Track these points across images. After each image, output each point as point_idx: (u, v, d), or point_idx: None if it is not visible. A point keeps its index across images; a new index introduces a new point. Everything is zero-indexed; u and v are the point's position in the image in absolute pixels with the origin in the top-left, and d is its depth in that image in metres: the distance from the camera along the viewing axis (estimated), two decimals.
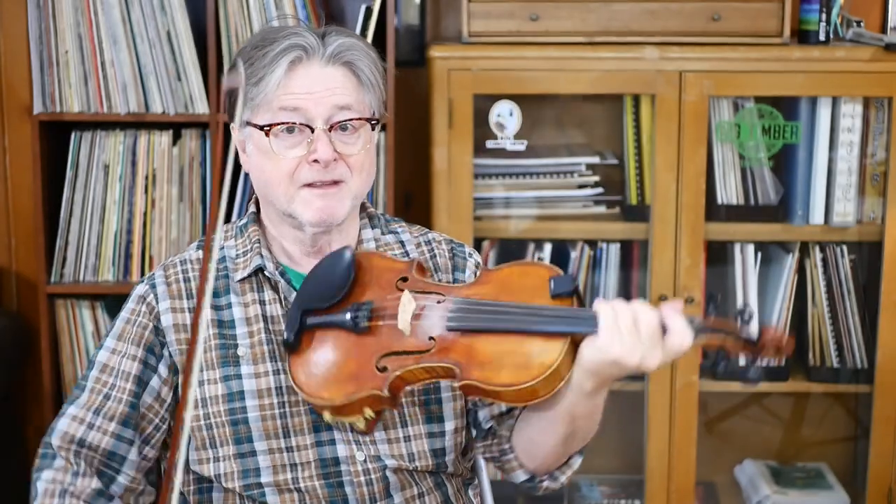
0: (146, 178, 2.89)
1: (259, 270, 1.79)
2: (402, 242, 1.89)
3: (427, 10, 3.00)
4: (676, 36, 2.72)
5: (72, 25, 2.82)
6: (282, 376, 1.74)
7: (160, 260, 2.90)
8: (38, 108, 2.83)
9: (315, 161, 1.72)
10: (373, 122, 1.78)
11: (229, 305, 1.78)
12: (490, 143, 2.80)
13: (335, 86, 1.74)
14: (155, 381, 1.75)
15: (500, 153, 2.83)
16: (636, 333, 1.58)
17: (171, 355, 1.75)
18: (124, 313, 1.79)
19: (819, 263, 2.87)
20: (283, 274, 1.79)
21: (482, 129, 2.78)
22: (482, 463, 2.03)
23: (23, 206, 3.05)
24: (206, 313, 1.61)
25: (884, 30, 2.95)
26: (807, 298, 2.89)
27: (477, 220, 2.81)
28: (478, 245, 2.86)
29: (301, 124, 1.72)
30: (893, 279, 2.77)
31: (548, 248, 2.89)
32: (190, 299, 1.78)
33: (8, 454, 3.04)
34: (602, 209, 2.91)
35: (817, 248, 2.87)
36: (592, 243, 2.91)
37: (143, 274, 2.91)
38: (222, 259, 1.82)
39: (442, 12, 3.04)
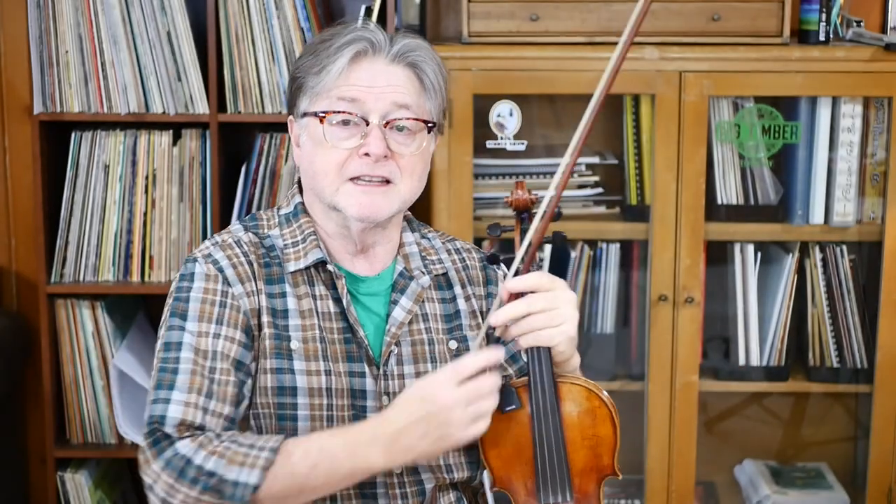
0: (146, 178, 2.89)
1: (319, 264, 1.76)
2: (435, 249, 1.89)
3: (427, 10, 2.99)
4: (676, 36, 2.72)
5: (72, 26, 2.82)
6: (333, 377, 1.72)
7: (160, 260, 2.90)
8: (38, 108, 2.83)
9: (366, 154, 1.71)
10: (430, 126, 1.77)
11: (283, 294, 1.74)
12: (490, 143, 2.80)
13: (397, 83, 1.74)
14: (252, 365, 1.70)
15: (500, 153, 2.83)
16: (547, 315, 1.66)
17: (253, 340, 1.71)
18: (195, 293, 1.70)
19: (819, 263, 2.87)
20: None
21: (482, 129, 2.78)
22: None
23: (23, 206, 3.05)
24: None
25: (884, 30, 2.95)
26: (807, 298, 2.89)
27: (477, 220, 2.81)
28: (477, 245, 2.85)
29: (357, 116, 1.72)
30: (893, 279, 2.77)
31: (547, 248, 2.89)
32: (256, 282, 1.73)
33: (8, 454, 3.04)
34: (602, 209, 2.91)
35: (817, 248, 2.87)
36: (592, 243, 2.91)
37: (143, 274, 2.91)
38: (272, 248, 1.78)
39: (442, 12, 3.04)
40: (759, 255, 2.89)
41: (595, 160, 2.91)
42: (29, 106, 2.90)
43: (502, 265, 1.72)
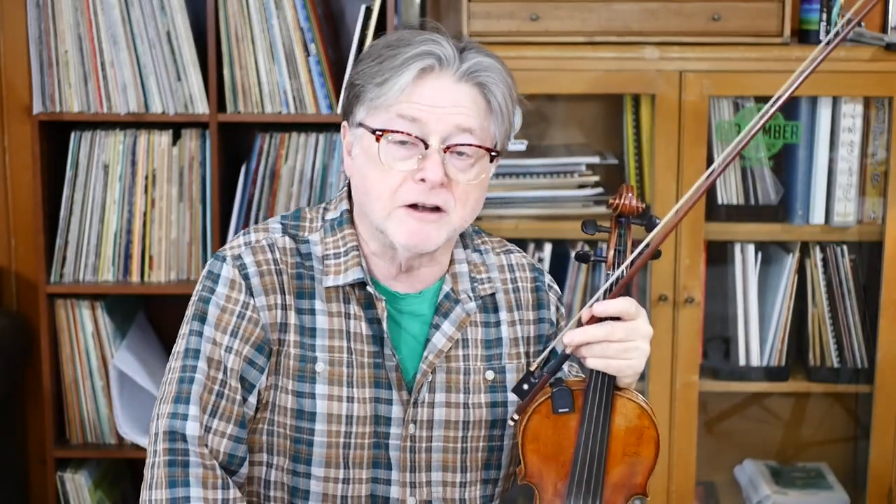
0: (146, 178, 2.88)
1: (358, 284, 1.67)
2: (486, 266, 1.79)
3: (427, 10, 2.99)
4: (676, 36, 2.72)
5: (72, 26, 2.82)
6: (355, 405, 1.65)
7: (160, 260, 2.90)
8: (37, 108, 2.83)
9: (422, 180, 1.60)
10: (493, 154, 1.66)
11: (313, 311, 1.66)
12: None
13: (463, 105, 1.62)
14: (261, 382, 1.64)
15: None
16: (622, 346, 1.62)
17: (269, 355, 1.65)
18: (216, 298, 1.64)
19: (819, 263, 2.87)
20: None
21: None
22: None
23: (23, 205, 3.05)
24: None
25: (884, 30, 2.95)
26: (807, 298, 2.89)
27: (477, 219, 2.79)
28: None
29: (416, 137, 1.60)
30: (893, 279, 2.77)
31: (548, 248, 2.89)
32: (283, 295, 1.65)
33: (8, 454, 3.04)
34: (602, 209, 2.91)
35: (817, 248, 2.87)
36: (592, 243, 2.91)
37: (143, 274, 2.90)
38: (308, 255, 1.68)
39: (442, 12, 3.03)
40: (760, 255, 2.89)
41: (595, 160, 2.91)
42: (28, 106, 2.90)
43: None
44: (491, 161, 1.67)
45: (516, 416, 1.68)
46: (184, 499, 1.56)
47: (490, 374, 1.74)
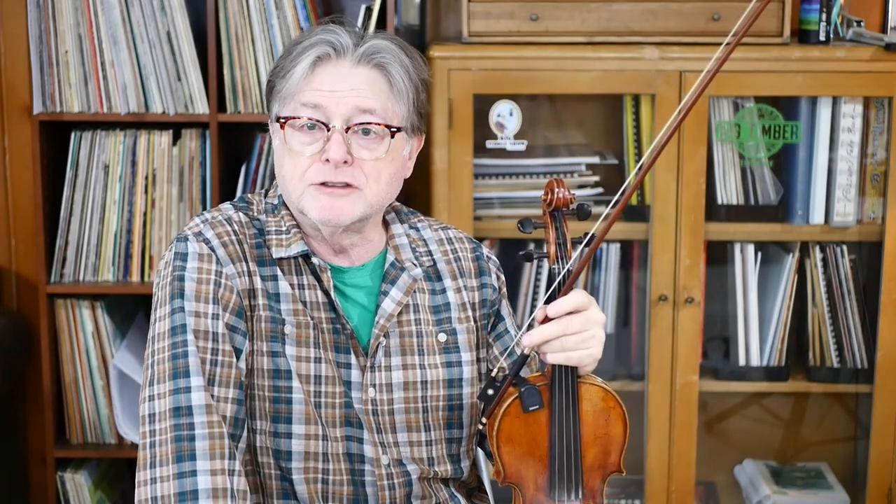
0: (146, 178, 2.89)
1: (302, 256, 1.76)
2: (424, 241, 1.88)
3: (427, 10, 3.00)
4: (676, 36, 2.72)
5: (72, 26, 2.82)
6: (322, 365, 1.72)
7: (160, 260, 2.90)
8: (37, 108, 2.83)
9: (327, 160, 1.70)
10: (392, 131, 1.73)
11: (275, 278, 1.74)
12: (490, 143, 2.80)
13: (361, 87, 1.72)
14: (246, 347, 1.69)
15: (500, 153, 2.83)
16: (580, 337, 1.68)
17: (246, 321, 1.71)
18: (189, 273, 1.69)
19: (819, 263, 2.87)
20: None
21: (482, 129, 2.78)
22: (483, 464, 2.03)
23: (23, 206, 3.05)
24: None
25: (884, 29, 2.95)
26: (807, 298, 2.89)
27: (477, 220, 2.81)
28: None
29: (319, 122, 1.70)
30: (893, 279, 2.77)
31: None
32: (248, 263, 1.73)
33: (8, 454, 3.04)
34: (602, 209, 2.90)
35: (817, 248, 2.87)
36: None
37: (143, 274, 2.91)
38: (261, 232, 1.78)
39: (442, 12, 3.04)
40: (760, 255, 2.89)
41: (595, 160, 2.91)
42: (29, 106, 2.90)
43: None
44: (392, 137, 1.73)
45: (485, 420, 1.72)
46: (190, 472, 1.59)
47: (442, 337, 1.83)
